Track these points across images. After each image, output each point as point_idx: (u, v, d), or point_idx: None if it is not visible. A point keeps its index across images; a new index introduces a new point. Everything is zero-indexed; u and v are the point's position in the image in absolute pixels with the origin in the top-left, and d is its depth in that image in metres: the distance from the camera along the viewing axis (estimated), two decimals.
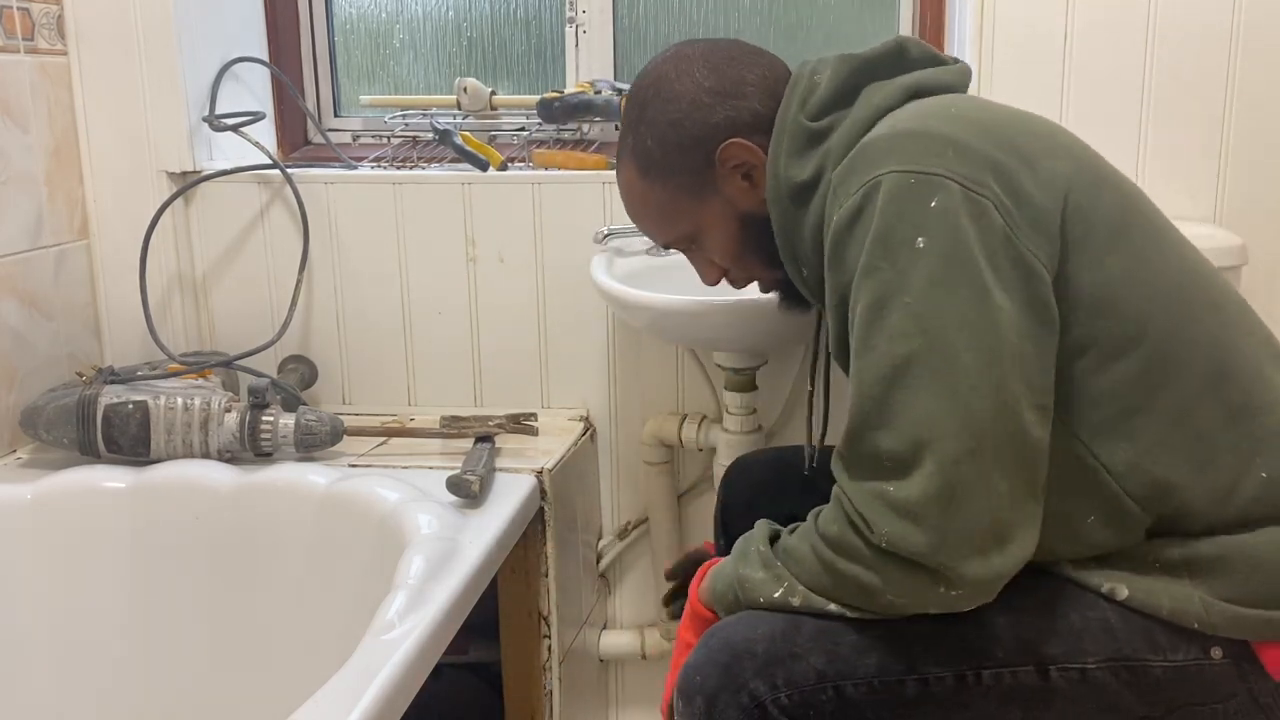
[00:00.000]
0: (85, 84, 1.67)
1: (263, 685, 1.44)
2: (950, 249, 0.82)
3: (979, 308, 0.82)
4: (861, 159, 0.88)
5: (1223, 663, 0.85)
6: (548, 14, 1.83)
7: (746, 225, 1.03)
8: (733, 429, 1.56)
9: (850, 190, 0.87)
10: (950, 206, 0.83)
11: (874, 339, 0.83)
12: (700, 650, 0.91)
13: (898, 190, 0.84)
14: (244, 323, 1.75)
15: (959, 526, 0.80)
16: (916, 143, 0.86)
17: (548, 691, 1.52)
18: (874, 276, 0.84)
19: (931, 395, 0.81)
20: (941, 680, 0.86)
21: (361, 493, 1.38)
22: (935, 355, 0.81)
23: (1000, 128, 0.90)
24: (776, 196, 0.98)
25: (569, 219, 1.65)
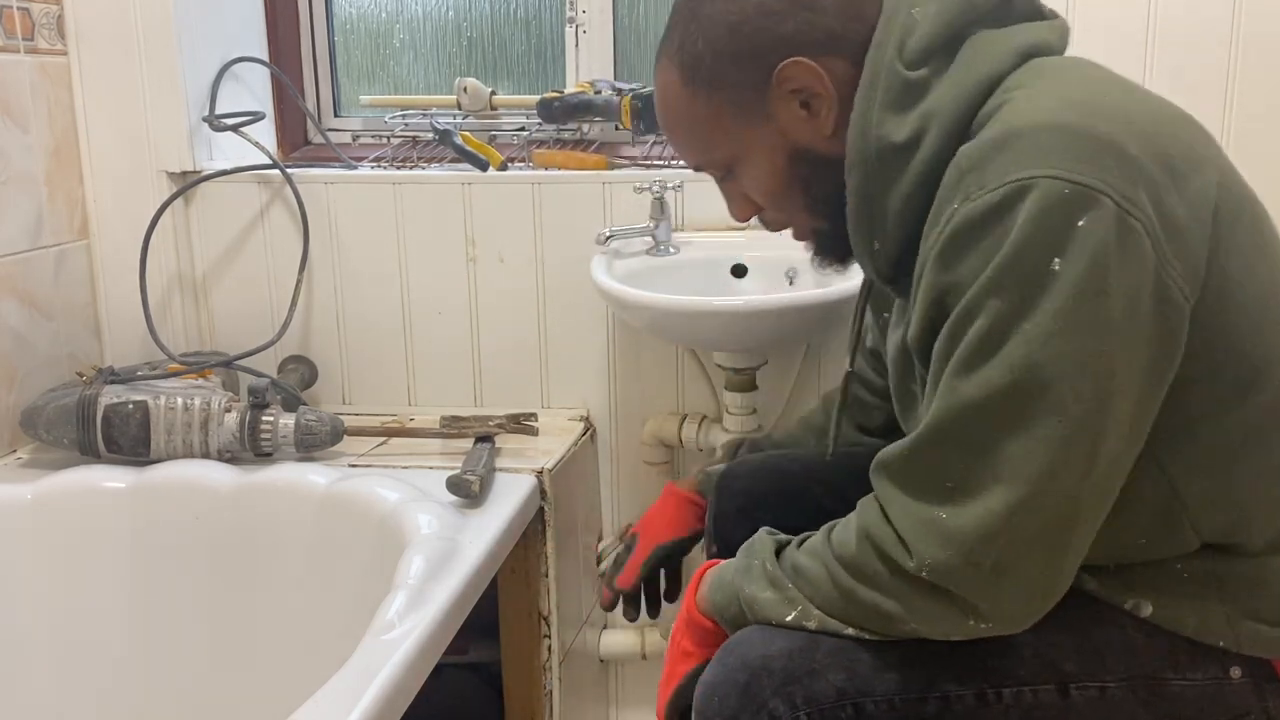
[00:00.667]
0: (85, 84, 1.67)
1: (263, 685, 1.44)
2: (1086, 279, 0.73)
3: (1101, 353, 0.74)
4: (1005, 149, 0.77)
5: (1241, 681, 0.84)
6: (548, 14, 1.83)
7: (795, 161, 0.91)
8: (733, 429, 1.56)
9: (988, 183, 0.76)
10: (1099, 229, 0.73)
11: (981, 362, 0.76)
12: (717, 669, 0.89)
13: (1049, 201, 0.73)
14: (244, 323, 1.75)
15: (1013, 574, 0.76)
16: (1078, 143, 0.75)
17: (548, 691, 1.52)
18: (999, 298, 0.75)
19: (1025, 437, 0.75)
20: (962, 699, 0.85)
21: (361, 493, 1.38)
22: (1041, 398, 0.74)
23: (1152, 128, 0.80)
24: (862, 155, 0.85)
25: (569, 219, 1.65)
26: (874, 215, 0.87)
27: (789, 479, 1.20)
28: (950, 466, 0.77)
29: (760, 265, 1.57)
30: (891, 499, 0.81)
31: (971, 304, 0.77)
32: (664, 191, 1.57)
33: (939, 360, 0.80)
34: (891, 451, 0.82)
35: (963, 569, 0.76)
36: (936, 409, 0.79)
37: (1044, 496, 0.75)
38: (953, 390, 0.77)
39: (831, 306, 1.37)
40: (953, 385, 0.77)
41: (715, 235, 1.62)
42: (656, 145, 1.77)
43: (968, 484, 0.77)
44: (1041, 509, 0.75)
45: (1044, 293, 0.74)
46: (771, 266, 1.57)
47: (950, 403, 0.78)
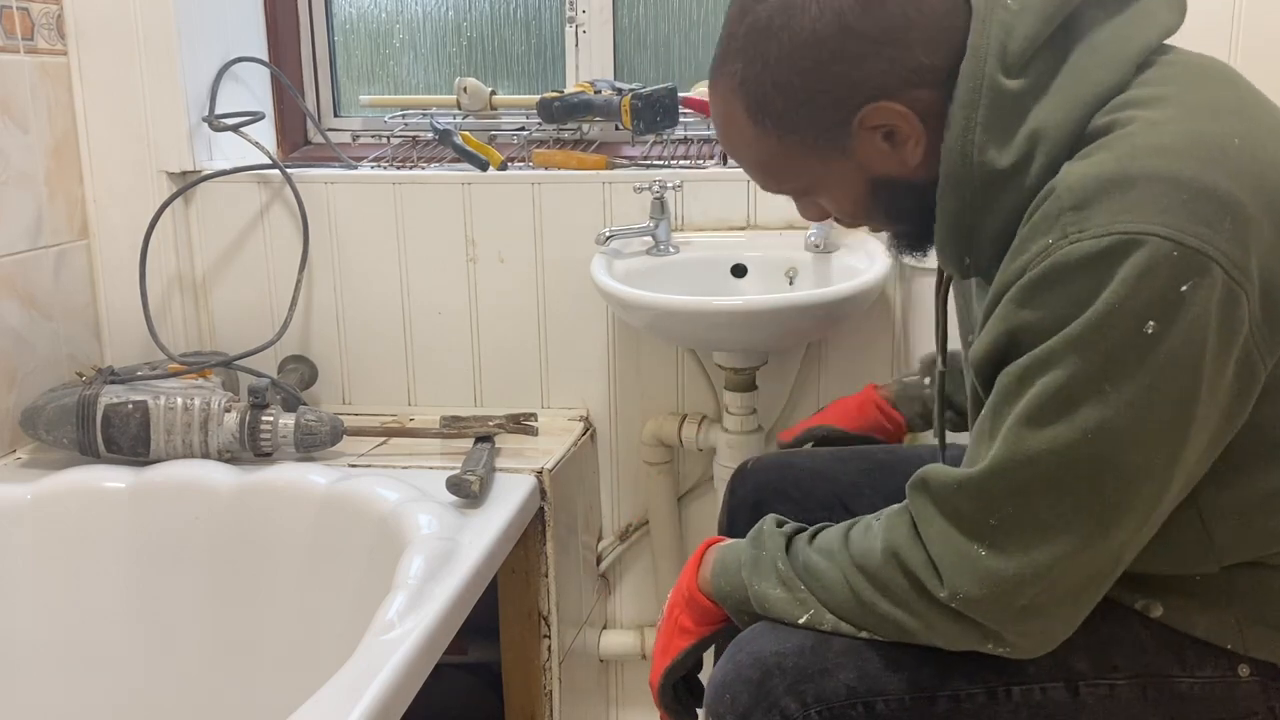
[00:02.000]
0: (85, 84, 1.67)
1: (263, 685, 1.44)
2: (1181, 350, 0.70)
3: (1178, 428, 0.72)
4: (1118, 192, 0.71)
5: (1249, 680, 0.84)
6: (548, 14, 1.83)
7: (877, 189, 0.86)
8: (733, 429, 1.56)
9: (1091, 228, 0.71)
10: (1204, 299, 0.69)
11: (1052, 419, 0.73)
12: (728, 666, 0.89)
13: (1156, 261, 0.69)
14: (244, 323, 1.75)
15: (1042, 613, 0.77)
16: (1189, 199, 0.70)
17: (548, 691, 1.52)
18: (1083, 357, 0.71)
19: (1083, 498, 0.73)
20: (973, 697, 0.85)
21: (361, 493, 1.38)
22: (1108, 464, 0.72)
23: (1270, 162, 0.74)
24: (961, 180, 0.79)
25: (569, 219, 1.65)
26: (970, 236, 0.82)
27: (804, 476, 1.20)
28: (999, 508, 0.76)
29: (760, 265, 1.57)
30: (930, 521, 0.80)
31: (1052, 354, 0.73)
32: (664, 191, 1.57)
33: (1004, 397, 0.76)
34: (939, 476, 0.80)
35: (994, 608, 0.77)
36: (998, 455, 0.75)
37: (1090, 554, 0.75)
38: (1019, 439, 0.74)
39: (831, 306, 1.37)
40: (1019, 433, 0.74)
41: (715, 235, 1.62)
42: (656, 145, 1.77)
43: (1015, 530, 0.75)
44: (1086, 566, 0.75)
45: (1130, 356, 0.70)
46: (771, 266, 1.57)
47: (1014, 451, 0.75)
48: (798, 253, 1.56)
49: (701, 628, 0.97)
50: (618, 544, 1.75)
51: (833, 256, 1.54)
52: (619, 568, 1.78)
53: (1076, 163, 0.75)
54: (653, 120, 1.62)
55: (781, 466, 1.24)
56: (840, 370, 1.63)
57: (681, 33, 1.81)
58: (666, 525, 1.70)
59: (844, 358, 1.64)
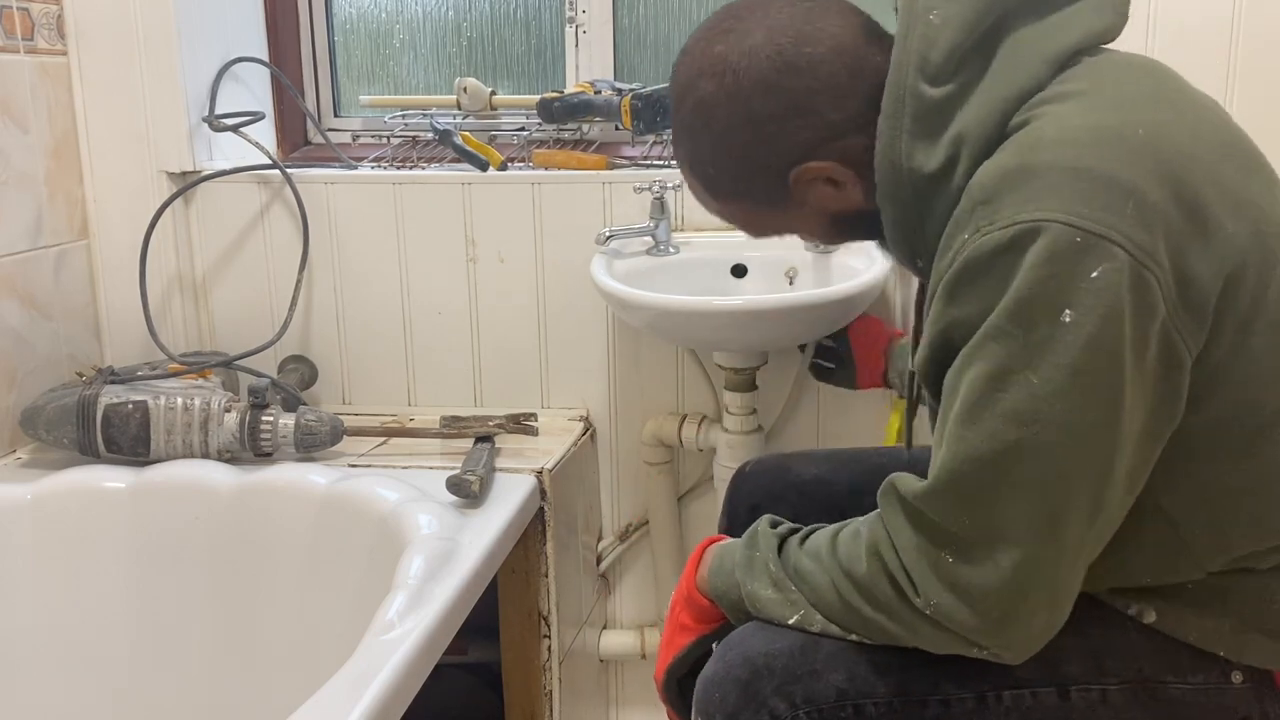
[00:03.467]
0: (85, 84, 1.67)
1: (263, 685, 1.44)
2: (1098, 334, 0.71)
3: (1109, 411, 0.73)
4: (1019, 186, 0.74)
5: (1242, 686, 0.84)
6: (548, 14, 1.83)
7: (837, 222, 0.92)
8: (733, 429, 1.56)
9: (998, 220, 0.74)
10: (1113, 282, 0.71)
11: (984, 413, 0.74)
12: (719, 665, 0.90)
13: (1056, 247, 0.71)
14: (244, 323, 1.75)
15: (1018, 619, 0.77)
16: (1090, 187, 0.72)
17: (548, 691, 1.52)
18: (1002, 343, 0.73)
19: (1030, 495, 0.75)
20: (962, 701, 0.85)
21: (361, 493, 1.38)
22: (1046, 455, 0.73)
23: (1188, 164, 0.76)
24: (894, 188, 0.83)
25: (569, 219, 1.65)
26: (913, 241, 0.85)
27: (802, 480, 1.20)
28: (957, 518, 0.77)
29: (760, 265, 1.57)
30: (900, 530, 0.81)
31: (976, 349, 0.75)
32: (664, 191, 1.57)
33: (946, 400, 0.79)
34: (904, 485, 0.81)
35: (969, 618, 0.77)
36: (945, 458, 0.77)
37: (1049, 552, 0.76)
38: (959, 439, 0.76)
39: (831, 306, 1.37)
40: (959, 434, 0.76)
41: (715, 235, 1.62)
42: (656, 145, 1.77)
43: (974, 538, 0.77)
44: (1046, 564, 0.76)
45: (1052, 343, 0.72)
46: (771, 266, 1.57)
47: (956, 452, 0.76)
48: (798, 253, 1.56)
49: (700, 625, 0.98)
50: (618, 544, 1.75)
51: (833, 256, 1.54)
52: (619, 568, 1.78)
53: (988, 161, 0.78)
54: (653, 120, 1.62)
55: (780, 469, 1.24)
56: None
57: (681, 33, 1.81)
58: (666, 525, 1.70)
59: None
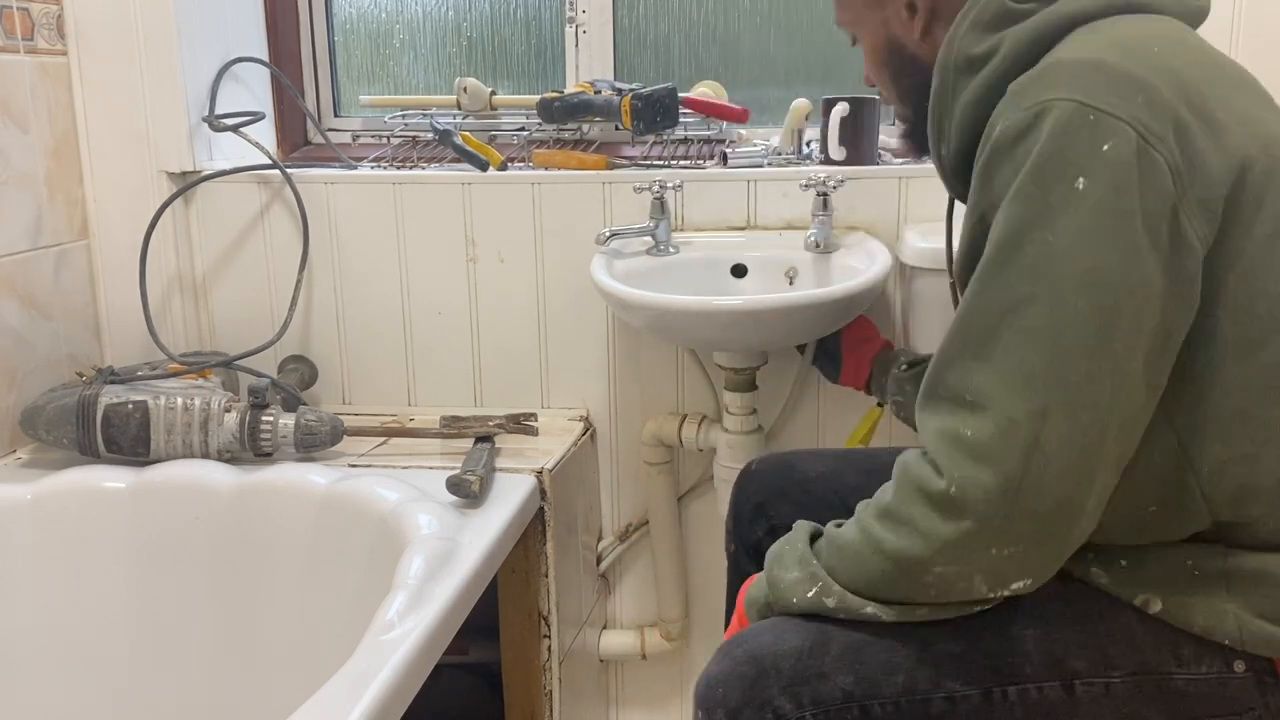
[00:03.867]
0: (85, 84, 1.67)
1: (263, 685, 1.44)
2: (1111, 200, 0.76)
3: (1125, 272, 0.77)
4: (1045, 77, 0.82)
5: (1244, 676, 0.84)
6: (548, 14, 1.83)
7: (890, 50, 1.01)
8: (733, 429, 1.56)
9: (1023, 104, 0.81)
10: (1124, 155, 0.77)
11: (1001, 269, 0.79)
12: (724, 661, 0.90)
13: (1070, 122, 0.78)
14: (244, 323, 1.75)
15: (1033, 480, 0.76)
16: (1107, 78, 0.80)
17: (548, 691, 1.52)
18: (1021, 205, 0.79)
19: (1043, 344, 0.77)
20: (968, 698, 0.85)
21: (361, 493, 1.38)
22: (1061, 305, 0.77)
23: (1198, 82, 0.82)
24: (943, 63, 0.92)
25: (569, 219, 1.65)
26: (943, 117, 0.93)
27: (807, 478, 1.21)
28: (972, 377, 0.79)
29: (760, 265, 1.57)
30: (924, 425, 0.83)
31: (1001, 214, 0.80)
32: (664, 191, 1.57)
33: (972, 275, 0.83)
34: (927, 373, 0.84)
35: (986, 476, 0.77)
36: (958, 319, 0.82)
37: (1067, 406, 0.77)
38: (973, 294, 0.81)
39: (831, 306, 1.37)
40: (974, 289, 0.81)
41: (715, 235, 1.62)
42: (656, 145, 1.77)
43: (988, 394, 0.78)
44: (1064, 418, 0.76)
45: (1066, 206, 0.77)
46: (771, 266, 1.57)
47: (972, 307, 0.81)
48: (798, 253, 1.56)
49: None
50: (618, 544, 1.75)
51: (833, 256, 1.54)
52: (619, 568, 1.78)
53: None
54: (653, 120, 1.62)
55: (785, 468, 1.24)
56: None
57: (681, 33, 1.81)
58: (666, 525, 1.70)
59: None
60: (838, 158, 1.59)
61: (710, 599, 1.75)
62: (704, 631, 1.77)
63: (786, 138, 1.67)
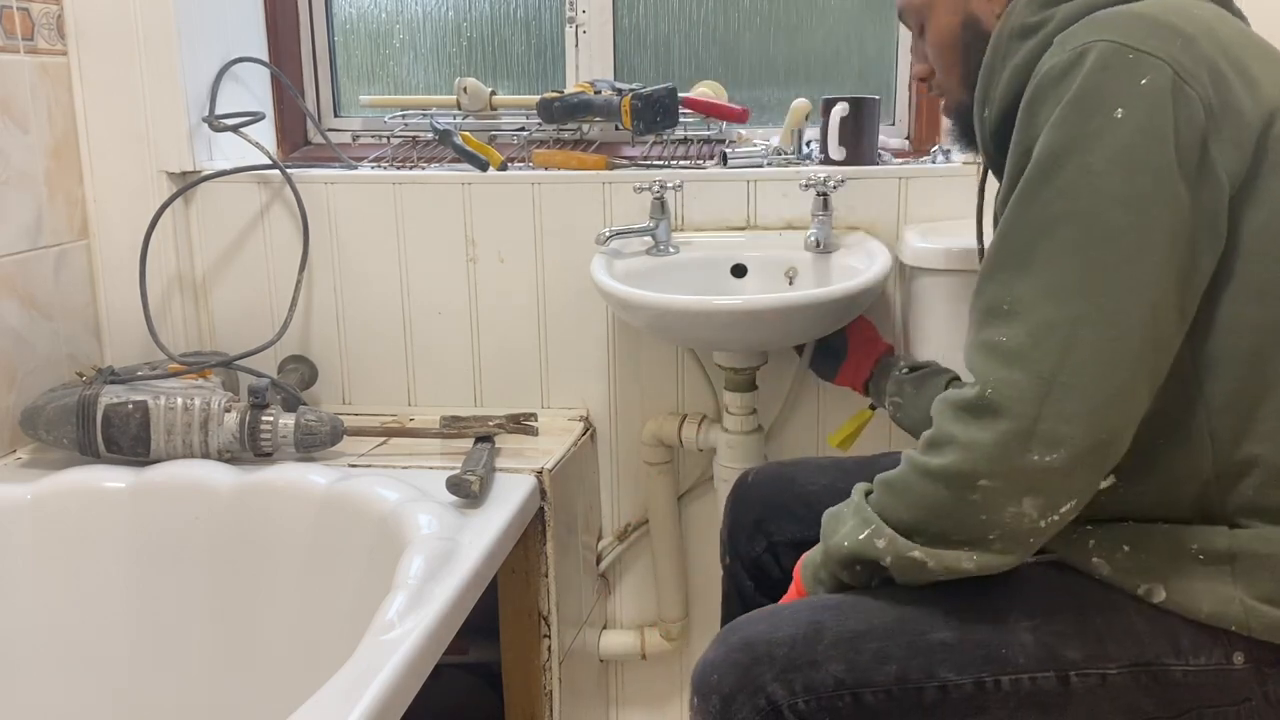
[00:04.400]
0: (85, 84, 1.67)
1: (263, 685, 1.44)
2: (1147, 128, 0.80)
3: (1157, 193, 0.80)
4: (1087, 24, 0.87)
5: (1244, 668, 0.84)
6: (548, 14, 1.83)
7: (966, 26, 1.02)
8: (733, 429, 1.56)
9: (1067, 47, 0.85)
10: (1160, 87, 0.81)
11: (1041, 188, 0.83)
12: (720, 647, 0.91)
13: (1111, 59, 0.82)
14: (244, 323, 1.75)
15: (1066, 380, 0.79)
16: (1144, 24, 0.84)
17: (548, 691, 1.52)
18: (1061, 129, 0.83)
19: (1078, 256, 0.81)
20: (961, 687, 0.86)
21: (361, 493, 1.38)
22: (1098, 222, 0.80)
23: (1231, 40, 0.87)
24: (999, 33, 0.96)
25: (569, 219, 1.65)
26: (992, 79, 0.97)
27: (807, 492, 1.20)
28: (1008, 288, 0.83)
29: (760, 265, 1.57)
30: (968, 347, 0.86)
31: (1040, 138, 0.83)
32: (664, 191, 1.57)
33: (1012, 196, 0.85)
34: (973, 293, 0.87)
35: (1021, 380, 0.80)
36: (997, 234, 0.85)
37: (1100, 314, 0.80)
38: (1013, 214, 0.84)
39: (831, 306, 1.37)
40: (1014, 210, 0.84)
41: (715, 235, 1.62)
42: (656, 145, 1.77)
43: (1024, 302, 0.82)
44: (1097, 325, 0.79)
45: (1105, 132, 0.81)
46: (771, 266, 1.57)
47: (1010, 224, 0.84)
48: (798, 253, 1.56)
49: None
50: (617, 544, 1.75)
51: (833, 256, 1.54)
52: (619, 568, 1.78)
53: None
54: (653, 120, 1.62)
55: (784, 481, 1.24)
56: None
57: (681, 33, 1.81)
58: (666, 525, 1.70)
59: None
60: (837, 158, 1.59)
61: (710, 599, 1.75)
62: (704, 631, 1.77)
63: (786, 138, 1.67)
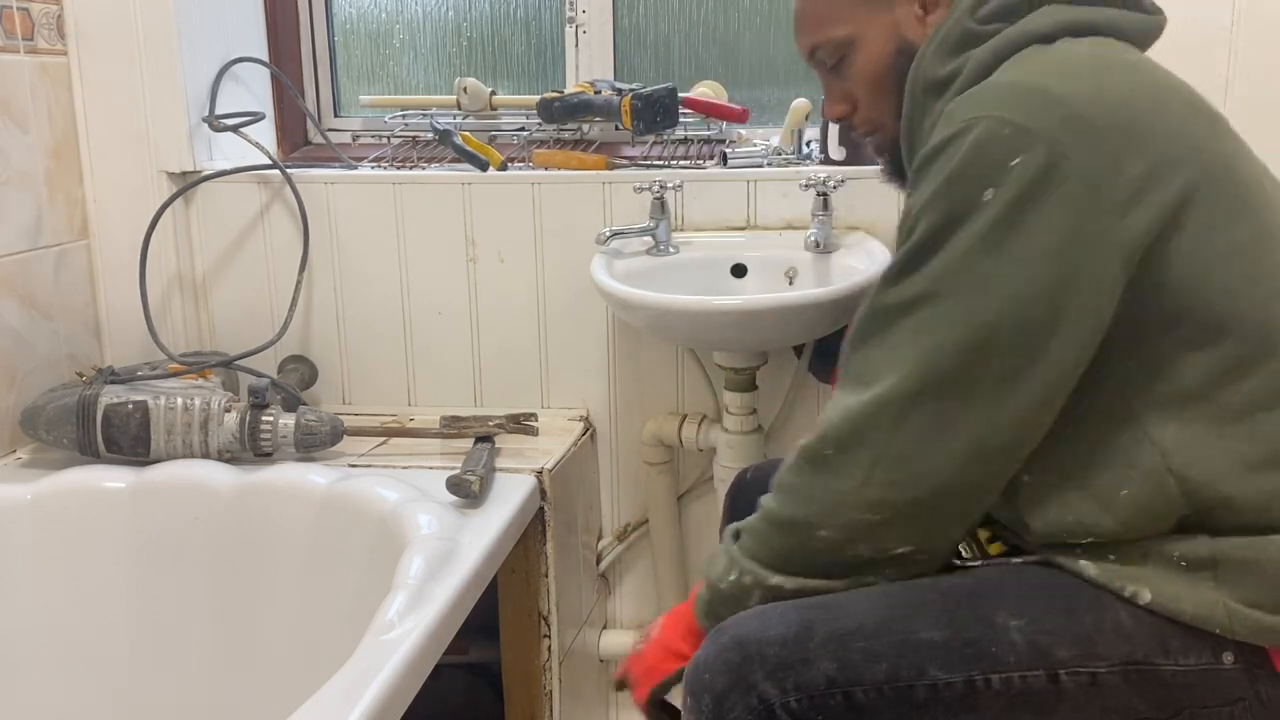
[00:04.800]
0: (85, 84, 1.67)
1: (263, 685, 1.44)
2: (1010, 210, 0.81)
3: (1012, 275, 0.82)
4: (975, 97, 0.86)
5: (1234, 668, 0.84)
6: (548, 14, 1.83)
7: (901, 56, 0.98)
8: (733, 429, 1.56)
9: (953, 122, 0.86)
10: (1030, 168, 0.81)
11: (907, 274, 0.85)
12: (711, 647, 0.91)
13: (987, 137, 0.82)
14: (244, 323, 1.75)
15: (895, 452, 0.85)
16: (1029, 97, 0.83)
17: (548, 691, 1.52)
18: (933, 212, 0.84)
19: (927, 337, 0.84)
20: (951, 686, 0.86)
21: (361, 493, 1.38)
22: (949, 306, 0.83)
23: (1127, 100, 0.85)
24: (913, 85, 0.95)
25: (569, 219, 1.65)
26: (914, 136, 0.97)
27: None
28: (863, 361, 0.88)
29: (760, 265, 1.57)
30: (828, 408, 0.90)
31: (913, 222, 0.86)
32: (664, 191, 1.57)
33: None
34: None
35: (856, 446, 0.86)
36: (861, 312, 0.89)
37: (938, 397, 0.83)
38: (877, 294, 0.88)
39: (831, 306, 1.37)
40: (879, 290, 0.88)
41: (715, 235, 1.62)
42: (656, 145, 1.77)
43: (872, 373, 0.86)
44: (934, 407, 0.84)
45: (970, 215, 0.82)
46: (771, 266, 1.57)
47: (873, 305, 0.88)
48: (798, 253, 1.56)
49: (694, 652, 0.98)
50: (617, 544, 1.75)
51: (832, 256, 1.54)
52: (619, 568, 1.78)
53: None
54: (653, 120, 1.62)
55: None
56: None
57: (681, 33, 1.81)
58: (666, 525, 1.70)
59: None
60: (837, 158, 1.59)
61: None
62: None
63: (786, 138, 1.67)
